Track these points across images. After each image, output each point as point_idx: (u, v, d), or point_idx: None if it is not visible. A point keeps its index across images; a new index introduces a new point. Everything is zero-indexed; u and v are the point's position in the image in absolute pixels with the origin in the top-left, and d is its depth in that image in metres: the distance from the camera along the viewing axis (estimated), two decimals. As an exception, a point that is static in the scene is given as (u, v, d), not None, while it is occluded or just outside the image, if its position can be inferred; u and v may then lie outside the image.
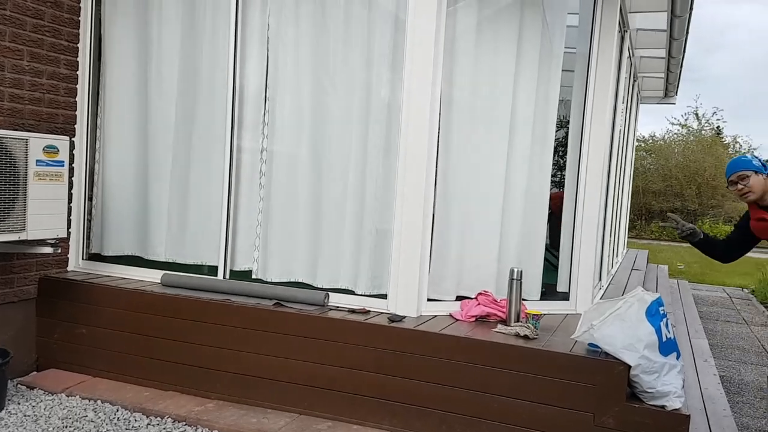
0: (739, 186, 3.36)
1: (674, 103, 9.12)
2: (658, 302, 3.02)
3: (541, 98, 3.90)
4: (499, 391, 3.11)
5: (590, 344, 3.06)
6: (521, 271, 3.50)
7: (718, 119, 30.63)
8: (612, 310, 2.97)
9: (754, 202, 3.40)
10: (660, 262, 9.86)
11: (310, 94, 3.86)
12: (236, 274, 4.03)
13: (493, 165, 3.83)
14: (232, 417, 3.39)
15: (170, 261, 4.22)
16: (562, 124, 4.14)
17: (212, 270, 4.08)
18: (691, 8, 5.16)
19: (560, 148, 4.12)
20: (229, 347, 3.62)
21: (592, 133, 3.98)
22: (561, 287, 4.13)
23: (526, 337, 3.25)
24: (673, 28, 5.40)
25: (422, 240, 3.54)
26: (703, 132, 26.14)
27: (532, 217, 3.95)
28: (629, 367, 2.89)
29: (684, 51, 6.68)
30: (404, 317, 3.49)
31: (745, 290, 9.25)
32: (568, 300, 4.02)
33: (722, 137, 26.86)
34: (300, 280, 3.92)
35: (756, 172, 3.36)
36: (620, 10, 4.34)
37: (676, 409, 2.84)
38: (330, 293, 3.73)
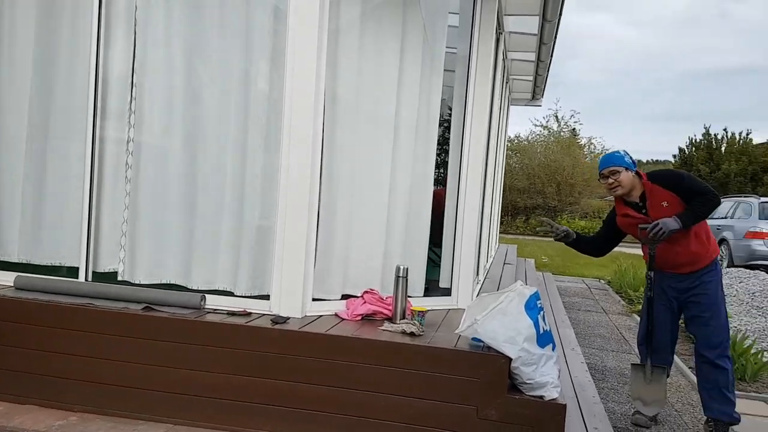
0: (610, 180, 3.57)
1: (540, 105, 9.65)
2: (535, 296, 3.12)
3: (424, 97, 3.92)
4: (387, 390, 3.07)
5: (474, 338, 3.11)
6: (407, 269, 3.49)
7: (575, 122, 33.07)
8: (494, 304, 3.02)
9: (621, 196, 3.62)
10: (526, 255, 10.41)
11: (184, 81, 3.61)
12: (100, 276, 3.69)
13: (378, 163, 3.79)
14: (99, 431, 3.09)
15: (24, 262, 3.79)
16: (445, 122, 4.19)
17: (72, 272, 3.71)
18: (561, 14, 5.43)
19: (443, 145, 4.18)
20: (93, 355, 3.30)
21: (473, 132, 4.06)
22: (443, 283, 4.19)
23: (412, 334, 3.24)
24: (544, 32, 5.67)
25: (307, 238, 3.42)
26: (562, 134, 28.04)
27: (416, 214, 3.96)
28: (510, 359, 2.96)
29: (552, 55, 7.05)
30: (288, 318, 3.36)
31: (602, 281, 10.00)
32: (450, 296, 4.08)
33: (578, 138, 28.99)
34: (173, 282, 3.67)
35: (626, 169, 3.58)
36: (498, 11, 4.47)
37: (553, 399, 2.95)
38: (207, 295, 3.51)
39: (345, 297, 3.70)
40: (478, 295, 4.26)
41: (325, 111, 3.48)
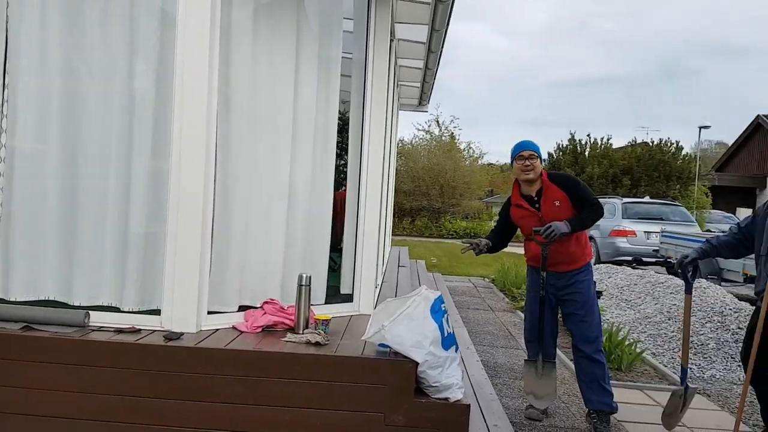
0: (527, 162, 3.76)
1: (427, 111, 9.90)
2: (439, 299, 3.17)
3: (322, 100, 3.87)
4: (293, 403, 2.98)
5: (380, 344, 3.10)
6: (309, 277, 3.42)
7: (454, 126, 34.24)
8: (401, 309, 3.03)
9: (527, 182, 3.75)
10: (416, 257, 10.63)
11: (62, 81, 3.32)
12: (-35, 296, 3.31)
13: (276, 167, 3.69)
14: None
15: None
16: (343, 126, 4.17)
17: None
18: (448, 24, 5.58)
19: (342, 150, 4.15)
20: (-43, 387, 2.94)
21: (372, 136, 4.07)
22: (344, 289, 4.15)
23: (317, 344, 3.17)
24: (432, 41, 5.80)
25: (201, 248, 3.26)
26: (443, 138, 28.96)
27: (317, 220, 3.90)
28: (417, 363, 2.98)
29: (438, 63, 7.23)
30: (182, 334, 3.17)
31: (486, 279, 10.41)
32: (352, 302, 4.06)
33: (458, 143, 30.07)
34: (52, 298, 3.36)
35: (539, 158, 3.77)
36: (391, 18, 4.51)
37: (458, 400, 3.00)
38: (91, 311, 3.25)
39: (243, 308, 3.56)
40: (377, 300, 4.26)
41: (218, 114, 3.34)
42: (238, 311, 3.53)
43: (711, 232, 14.07)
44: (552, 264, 3.88)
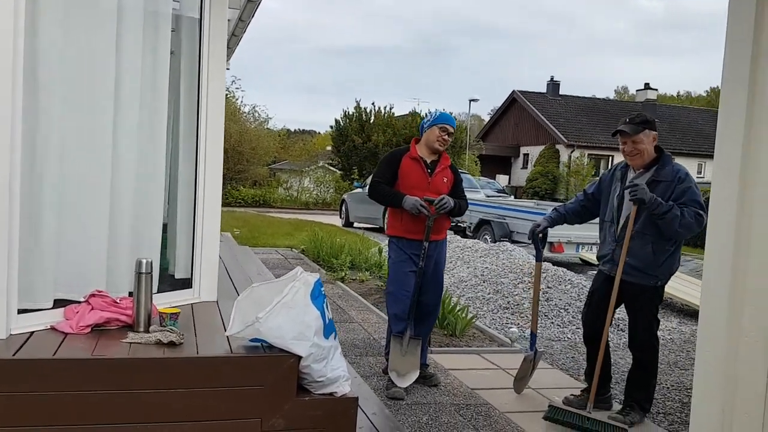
0: (446, 137, 3.98)
1: (229, 68, 9.23)
2: (318, 283, 2.79)
3: (148, 65, 3.20)
4: (153, 418, 2.41)
5: (251, 339, 2.65)
6: (151, 262, 2.81)
7: (236, 88, 32.91)
8: (279, 297, 2.60)
9: (433, 151, 4.01)
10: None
11: None
12: None
13: (96, 138, 2.97)
14: None
15: None
16: (174, 90, 3.51)
17: None
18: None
19: (174, 120, 3.51)
20: None
21: (210, 100, 3.48)
22: (179, 273, 3.55)
23: (172, 343, 2.61)
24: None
25: (9, 236, 2.49)
26: (229, 101, 27.65)
27: (147, 199, 3.24)
28: (300, 358, 2.60)
29: (253, 15, 6.70)
30: (-15, 344, 2.40)
31: (295, 250, 10.10)
32: (190, 288, 3.48)
33: (241, 105, 29.06)
34: None
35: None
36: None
37: (344, 394, 2.69)
38: None
39: (60, 304, 2.83)
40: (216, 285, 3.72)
41: (25, 78, 2.56)
42: (53, 308, 2.79)
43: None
44: (421, 231, 3.89)
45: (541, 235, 3.93)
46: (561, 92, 34.08)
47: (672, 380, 4.57)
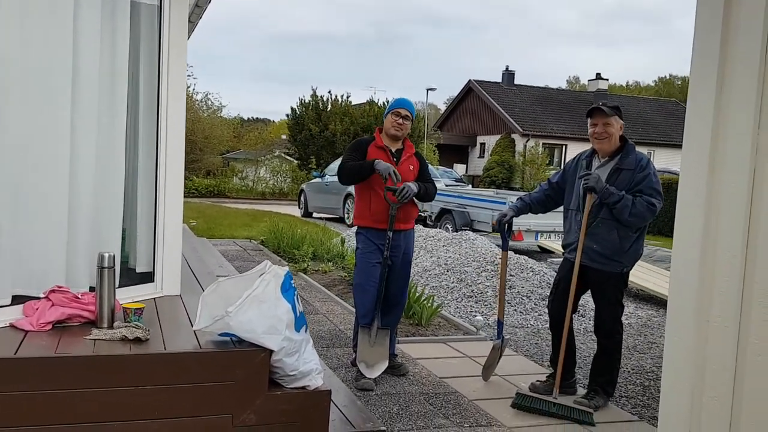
0: (401, 121, 3.93)
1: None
2: (288, 275, 2.75)
3: (107, 46, 3.07)
4: (120, 416, 2.33)
5: (220, 333, 2.59)
6: (114, 256, 2.72)
7: (189, 75, 32.19)
8: (249, 291, 2.55)
9: (393, 138, 3.98)
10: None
11: None
12: None
13: (51, 125, 2.86)
14: None
15: None
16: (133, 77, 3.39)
17: None
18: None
19: (133, 111, 3.39)
20: None
21: (171, 88, 3.37)
22: (140, 267, 3.44)
23: (137, 340, 2.53)
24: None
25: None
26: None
27: (107, 191, 3.13)
28: (271, 352, 2.55)
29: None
30: (-64, 345, 2.27)
31: (253, 241, 9.93)
32: (152, 282, 3.38)
33: (194, 93, 28.49)
34: None
35: (412, 122, 4.01)
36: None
37: (317, 387, 2.66)
38: None
39: (19, 301, 2.71)
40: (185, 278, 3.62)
41: None
42: (12, 305, 2.67)
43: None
44: (397, 222, 3.88)
45: (506, 224, 3.96)
46: (516, 82, 34.47)
47: (632, 364, 4.69)
